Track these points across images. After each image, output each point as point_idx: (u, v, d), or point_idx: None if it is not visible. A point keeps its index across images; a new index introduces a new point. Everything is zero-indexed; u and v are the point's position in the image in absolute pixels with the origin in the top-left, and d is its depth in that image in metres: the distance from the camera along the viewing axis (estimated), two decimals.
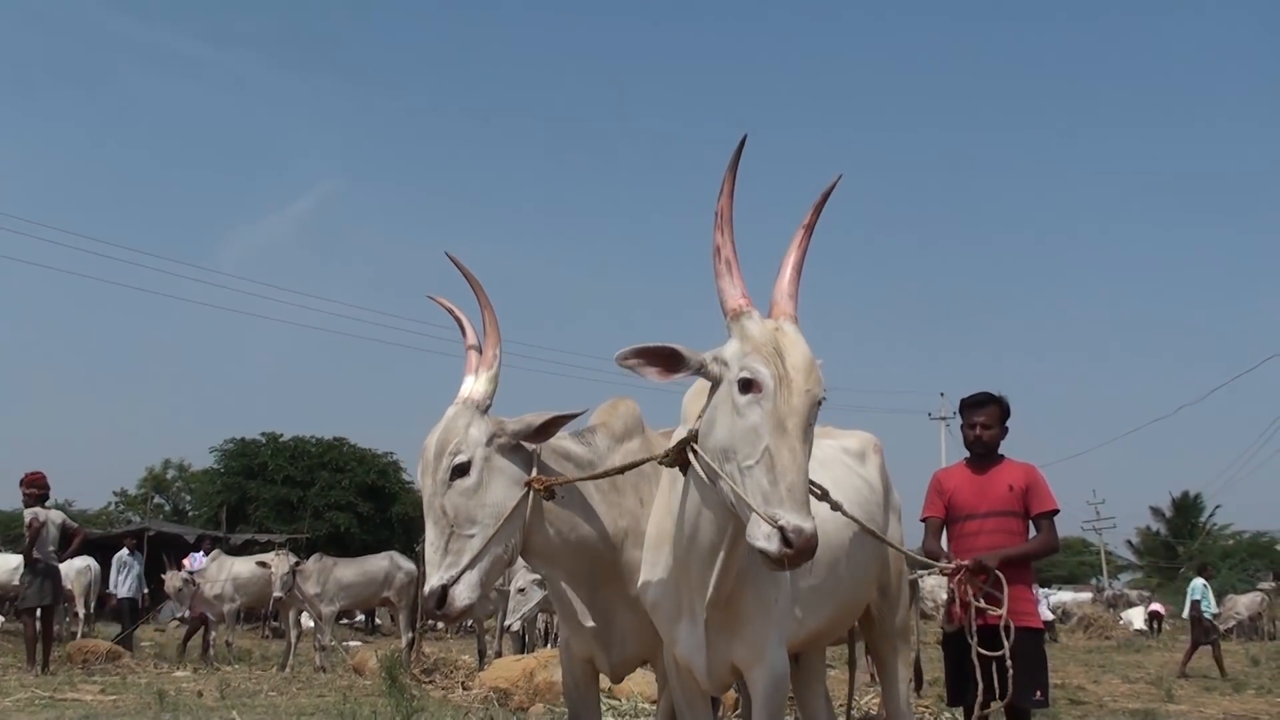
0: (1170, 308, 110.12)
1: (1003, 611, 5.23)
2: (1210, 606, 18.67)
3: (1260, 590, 36.65)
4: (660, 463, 3.64)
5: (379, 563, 16.52)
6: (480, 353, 4.07)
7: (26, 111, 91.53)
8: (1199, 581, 18.81)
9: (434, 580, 3.60)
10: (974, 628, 5.27)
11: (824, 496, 3.79)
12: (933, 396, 52.41)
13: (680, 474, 3.57)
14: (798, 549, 2.98)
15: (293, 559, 15.60)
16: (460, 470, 3.71)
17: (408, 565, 16.37)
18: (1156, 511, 63.32)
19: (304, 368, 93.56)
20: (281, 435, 44.73)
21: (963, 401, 6.04)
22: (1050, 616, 30.21)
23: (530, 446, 3.87)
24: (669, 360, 3.36)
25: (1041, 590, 30.97)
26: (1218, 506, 60.84)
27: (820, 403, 3.23)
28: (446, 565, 3.61)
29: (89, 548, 20.16)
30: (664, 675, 4.24)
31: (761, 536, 3.02)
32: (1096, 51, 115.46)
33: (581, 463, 4.05)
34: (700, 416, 3.43)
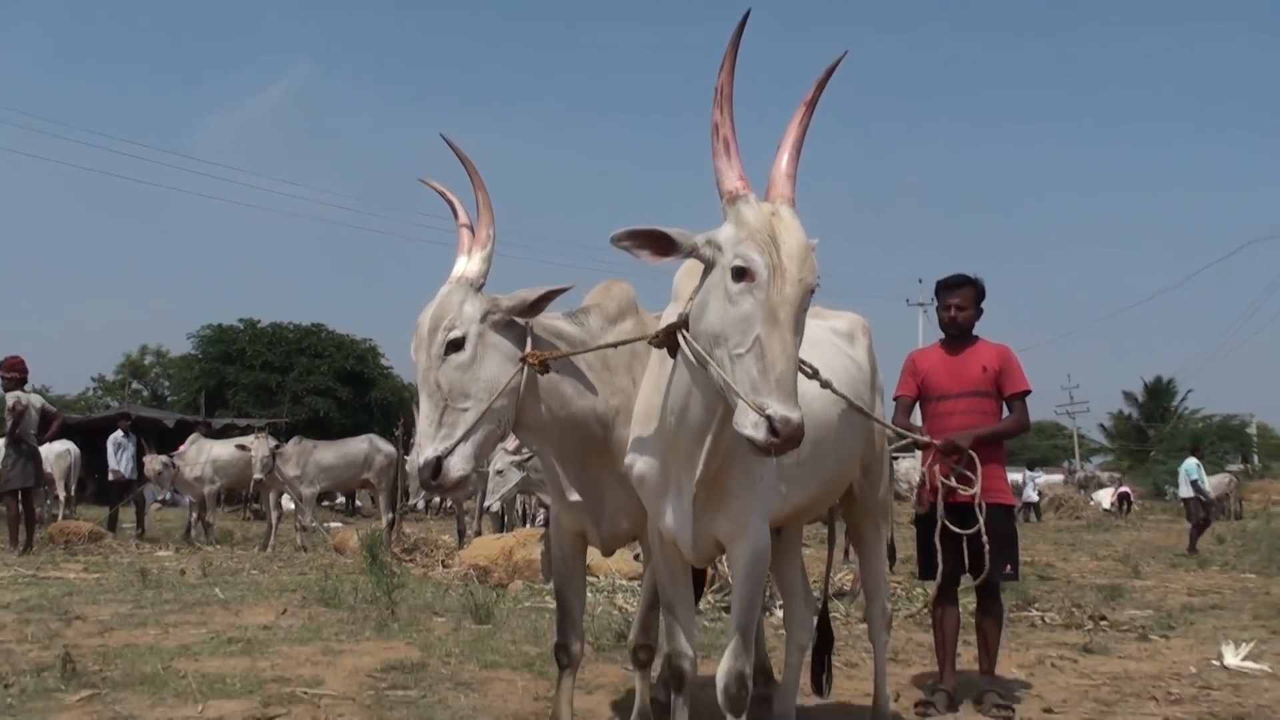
0: (1151, 193, 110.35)
1: (976, 490, 5.33)
2: (1205, 485, 18.89)
3: (1228, 472, 37.29)
4: (650, 344, 3.66)
5: (359, 445, 16.59)
6: (472, 232, 4.06)
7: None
8: (1192, 462, 18.96)
9: (428, 452, 3.64)
10: (943, 506, 5.37)
11: (814, 375, 3.84)
12: (910, 282, 52.48)
13: (669, 355, 3.57)
14: (784, 438, 3.00)
15: (272, 441, 15.66)
16: (455, 345, 3.73)
17: (387, 448, 16.45)
18: (1129, 396, 64.11)
19: (281, 254, 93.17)
20: (259, 321, 44.59)
21: (938, 283, 6.07)
22: (1036, 498, 30.82)
23: (523, 322, 3.90)
24: (660, 243, 3.31)
25: (1028, 473, 31.56)
26: (1189, 391, 61.67)
27: (813, 290, 3.20)
28: (440, 438, 3.65)
29: (68, 432, 20.17)
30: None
31: (749, 425, 3.03)
32: None
33: (574, 342, 4.08)
34: (691, 299, 3.40)
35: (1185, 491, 18.89)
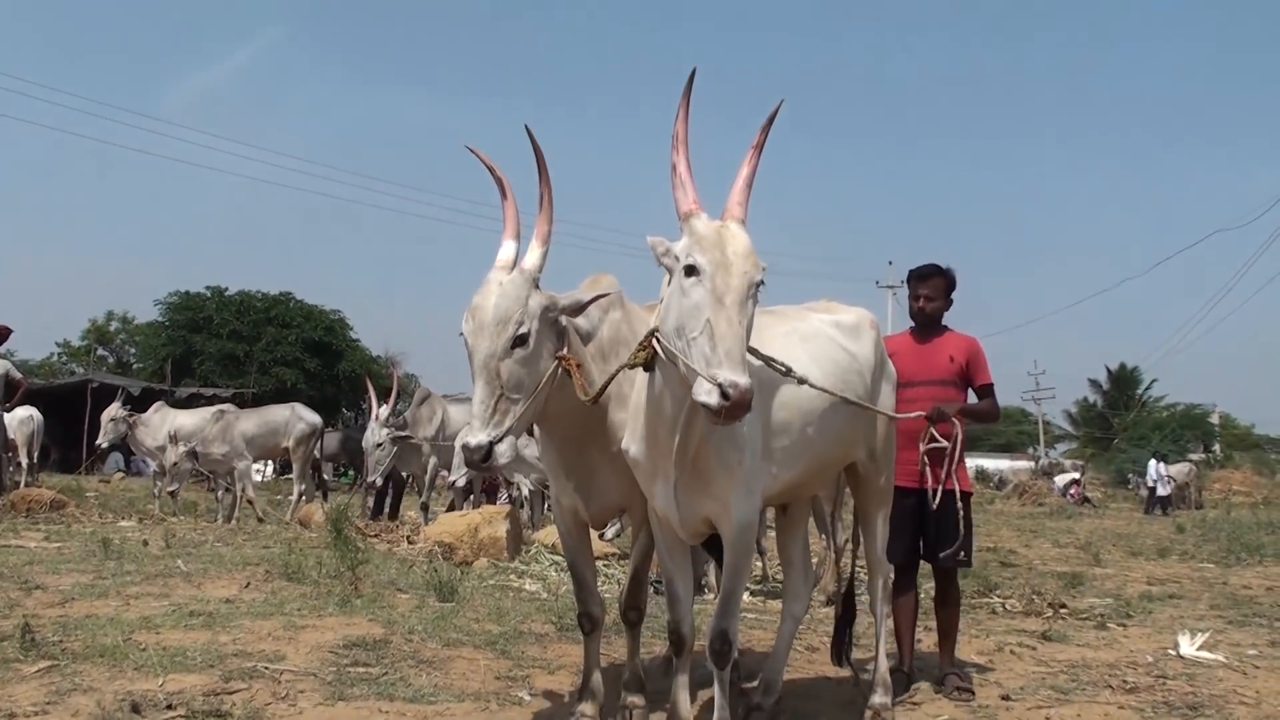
0: (1118, 181, 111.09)
1: (953, 448, 5.56)
2: None
3: (1189, 461, 37.65)
4: (628, 367, 3.97)
5: (280, 412, 16.47)
6: (518, 211, 4.30)
7: None
8: None
9: (481, 436, 3.87)
10: (930, 488, 5.56)
11: (788, 373, 4.16)
12: (879, 265, 52.64)
13: (645, 370, 3.92)
14: (734, 401, 3.32)
15: (185, 446, 15.44)
16: (521, 340, 3.97)
17: (310, 417, 16.40)
18: (1094, 383, 64.56)
19: (249, 221, 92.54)
20: (226, 289, 44.29)
21: (910, 272, 6.16)
22: (1167, 491, 30.80)
23: (565, 321, 4.19)
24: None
25: (1155, 464, 31.52)
26: (1154, 380, 62.13)
27: (758, 285, 3.60)
28: (494, 424, 3.90)
29: (31, 398, 19.98)
30: (640, 521, 4.69)
31: (703, 393, 3.37)
32: None
33: (581, 331, 4.37)
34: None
35: None
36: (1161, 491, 30.64)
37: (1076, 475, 35.31)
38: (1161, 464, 32.33)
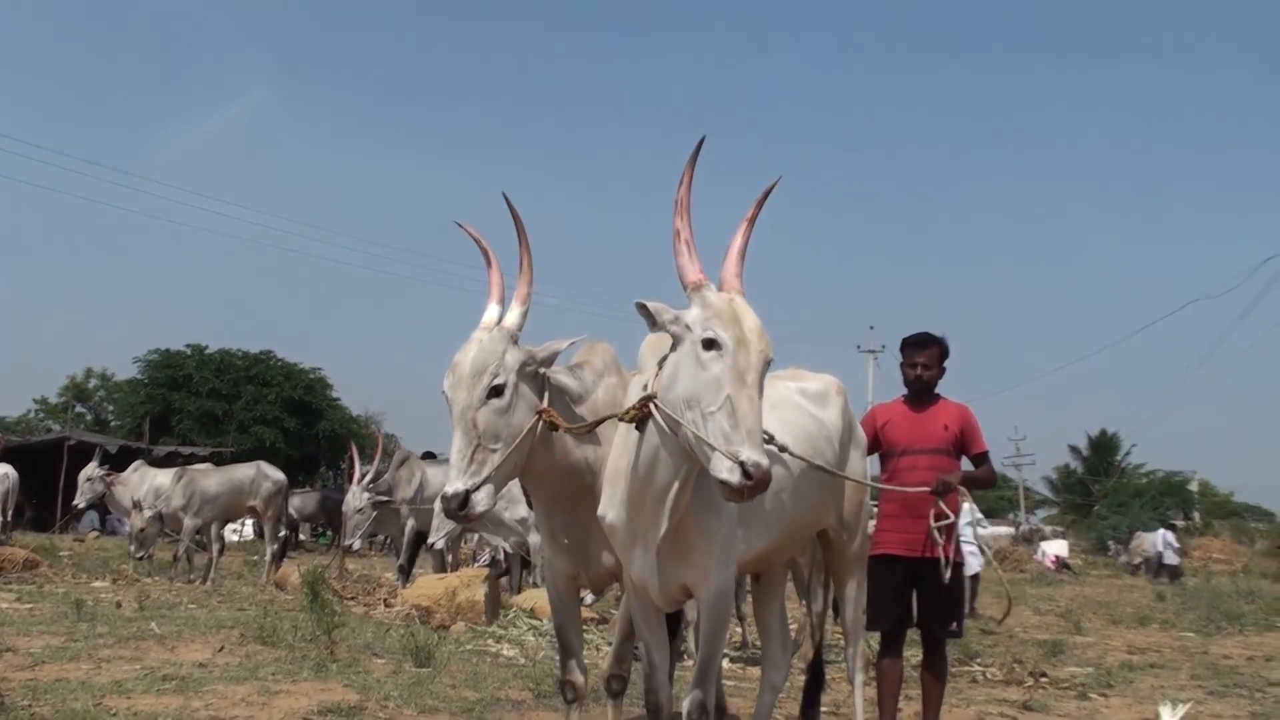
0: (1098, 248, 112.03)
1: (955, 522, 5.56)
2: None
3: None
4: (620, 420, 3.98)
5: (245, 471, 16.32)
6: (503, 277, 4.44)
7: None
8: None
9: (459, 485, 3.95)
10: (947, 556, 5.55)
11: (770, 440, 4.19)
12: (860, 329, 52.82)
13: (637, 429, 3.92)
14: (756, 480, 3.36)
15: (149, 511, 15.37)
16: (496, 391, 4.09)
17: (276, 475, 16.28)
18: (1074, 449, 64.57)
19: (231, 279, 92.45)
20: (207, 347, 44.20)
21: (905, 341, 6.15)
22: (1176, 560, 30.41)
23: (544, 373, 4.29)
24: (647, 314, 3.75)
25: (1164, 533, 31.13)
26: (1133, 445, 62.13)
27: (769, 362, 3.63)
28: (470, 473, 3.98)
29: (7, 456, 19.82)
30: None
31: (725, 470, 3.39)
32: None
33: (574, 395, 4.45)
34: (657, 375, 3.82)
35: None
36: (1170, 560, 30.35)
37: (1060, 552, 35.07)
38: (1169, 533, 32.11)
